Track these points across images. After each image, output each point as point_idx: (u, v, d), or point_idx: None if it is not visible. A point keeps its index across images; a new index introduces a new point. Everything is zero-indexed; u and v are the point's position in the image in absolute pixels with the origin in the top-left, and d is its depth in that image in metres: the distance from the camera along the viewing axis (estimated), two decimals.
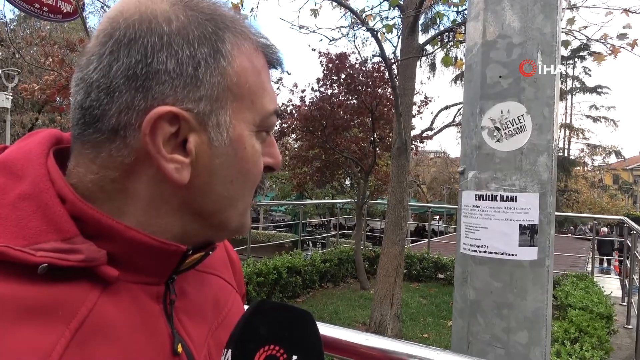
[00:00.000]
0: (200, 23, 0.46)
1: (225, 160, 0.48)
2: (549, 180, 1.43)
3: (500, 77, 1.45)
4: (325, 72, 8.58)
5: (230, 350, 0.50)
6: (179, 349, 0.49)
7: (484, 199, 1.45)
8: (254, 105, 0.49)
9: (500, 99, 1.44)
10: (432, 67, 23.51)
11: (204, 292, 0.58)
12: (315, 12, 5.62)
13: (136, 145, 0.44)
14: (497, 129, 1.44)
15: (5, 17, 16.30)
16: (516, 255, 1.40)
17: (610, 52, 4.53)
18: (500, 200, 1.43)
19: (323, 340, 0.62)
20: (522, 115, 1.42)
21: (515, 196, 1.41)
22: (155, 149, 0.44)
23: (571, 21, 4.60)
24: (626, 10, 4.64)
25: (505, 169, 1.43)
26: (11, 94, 9.22)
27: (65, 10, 4.75)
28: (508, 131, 1.43)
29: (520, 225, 1.41)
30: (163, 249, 0.47)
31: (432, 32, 10.55)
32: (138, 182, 0.46)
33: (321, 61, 8.52)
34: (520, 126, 1.42)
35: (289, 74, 12.23)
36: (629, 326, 5.67)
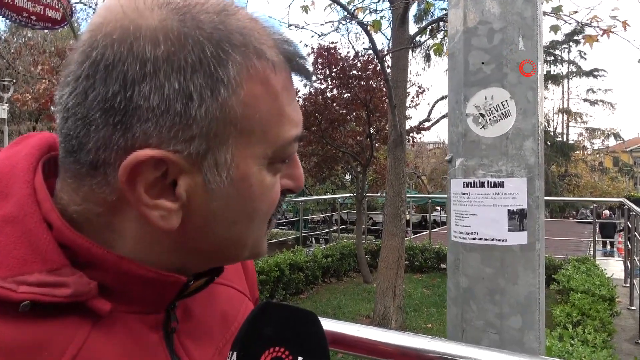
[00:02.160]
0: (197, 43, 0.37)
1: (224, 203, 0.41)
2: (536, 164, 1.43)
3: (482, 63, 1.45)
4: (315, 66, 8.57)
5: (235, 353, 0.49)
6: None
7: (472, 185, 1.45)
8: (267, 136, 0.41)
9: (484, 85, 1.44)
10: (427, 57, 23.46)
11: (211, 308, 0.53)
12: (306, 9, 5.61)
13: (117, 186, 0.38)
14: (482, 115, 1.44)
15: None
16: (506, 240, 1.41)
17: (602, 32, 4.51)
18: (488, 187, 1.43)
19: None
20: (506, 100, 1.42)
21: (503, 182, 1.41)
22: (135, 196, 0.38)
23: (557, 9, 4.58)
24: None
25: (492, 155, 1.43)
26: (7, 105, 9.22)
27: (53, 18, 4.75)
28: (493, 117, 1.43)
29: (508, 210, 1.41)
30: (160, 281, 0.42)
31: (425, 23, 10.52)
32: (125, 221, 0.41)
33: (309, 53, 8.50)
34: (505, 111, 1.42)
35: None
36: (632, 307, 5.68)
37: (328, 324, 1.12)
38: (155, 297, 0.44)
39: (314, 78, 0.47)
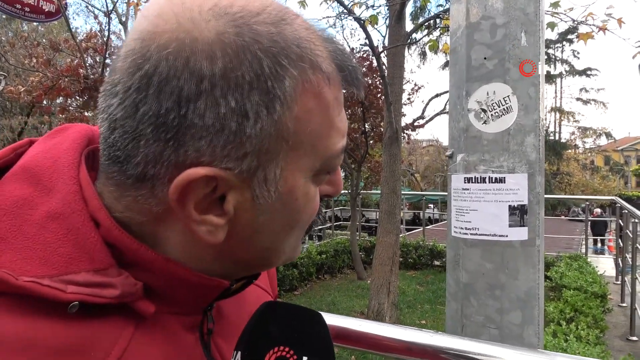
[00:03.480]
0: (255, 58, 0.36)
1: (270, 217, 0.41)
2: (537, 160, 1.43)
3: (485, 58, 1.44)
4: None
5: (239, 352, 0.48)
6: None
7: (473, 181, 1.45)
8: (316, 149, 0.41)
9: (486, 81, 1.44)
10: (423, 55, 23.49)
11: (240, 308, 0.54)
12: (303, 4, 5.58)
13: (165, 199, 0.38)
14: (484, 110, 1.44)
15: None
16: (507, 236, 1.41)
17: (597, 29, 4.54)
18: (489, 182, 1.43)
19: None
20: (508, 96, 1.42)
21: (504, 177, 1.42)
22: (184, 213, 0.38)
23: (555, 5, 4.60)
24: None
25: (493, 150, 1.43)
26: None
27: (47, 10, 4.69)
28: (494, 112, 1.43)
29: (509, 206, 1.41)
30: (204, 285, 0.42)
31: (421, 20, 10.52)
32: (169, 230, 0.40)
33: None
34: (507, 107, 1.42)
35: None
36: (623, 304, 5.75)
37: (329, 319, 1.11)
38: (196, 300, 0.44)
39: (362, 87, 0.44)
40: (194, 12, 0.36)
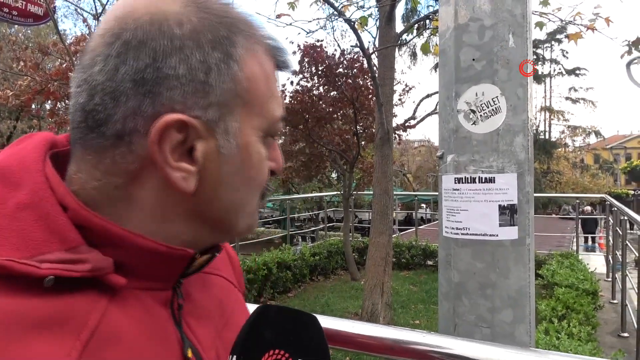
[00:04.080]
0: (213, 26, 0.44)
1: (232, 167, 0.47)
2: (525, 160, 1.45)
3: (473, 60, 1.46)
4: (302, 64, 8.55)
5: (235, 356, 0.49)
6: (189, 354, 0.48)
7: (463, 181, 1.46)
8: (263, 111, 0.48)
9: (475, 82, 1.45)
10: (413, 55, 23.59)
11: (209, 293, 0.57)
12: (292, 5, 5.59)
13: (142, 152, 0.43)
14: (473, 111, 1.45)
15: None
16: (497, 235, 1.42)
17: (586, 29, 4.58)
18: (479, 182, 1.44)
19: None
20: (497, 97, 1.43)
21: (494, 177, 1.43)
22: (162, 157, 0.43)
23: (545, 2, 4.64)
24: None
25: (483, 150, 1.44)
26: None
27: (35, 13, 4.66)
28: (483, 113, 1.44)
29: (499, 205, 1.42)
30: (170, 255, 0.46)
31: (412, 21, 10.57)
32: (143, 190, 0.44)
33: (294, 52, 8.49)
34: (495, 108, 1.43)
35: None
36: (614, 301, 5.80)
37: (322, 321, 1.12)
38: (164, 272, 0.47)
39: (293, 69, 0.55)
40: None
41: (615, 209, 6.21)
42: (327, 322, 1.11)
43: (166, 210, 0.46)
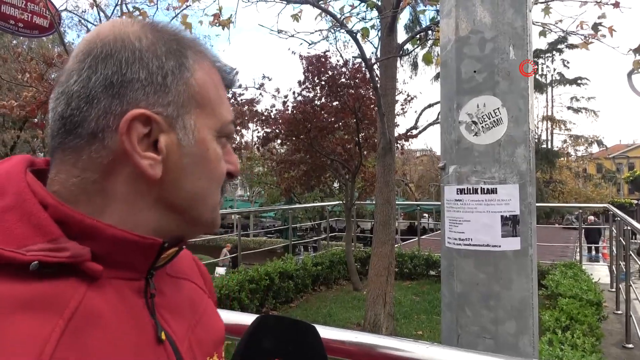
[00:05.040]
0: (166, 41, 0.53)
1: (192, 159, 0.53)
2: (527, 170, 1.46)
3: (474, 71, 1.47)
4: (305, 74, 8.60)
5: None
6: (163, 336, 0.52)
7: (466, 192, 1.47)
8: (215, 113, 0.56)
9: (476, 94, 1.46)
10: (414, 66, 23.71)
11: (181, 293, 0.61)
12: (296, 17, 5.64)
13: (114, 146, 0.49)
14: (474, 122, 1.46)
15: None
16: (499, 246, 1.42)
17: (591, 37, 4.60)
18: (481, 193, 1.45)
19: None
20: (498, 108, 1.44)
21: (496, 188, 1.43)
22: (131, 146, 0.49)
23: (547, 10, 4.67)
24: (599, 3, 4.74)
25: (485, 162, 1.45)
26: None
27: (41, 25, 4.71)
28: (485, 125, 1.45)
29: (501, 216, 1.43)
30: (141, 243, 0.50)
31: (413, 32, 10.63)
32: (116, 181, 0.50)
33: (302, 62, 8.54)
34: (497, 119, 1.44)
35: (270, 79, 12.25)
36: (619, 311, 5.76)
37: (325, 332, 1.12)
38: (136, 261, 0.52)
39: (236, 84, 0.64)
40: (122, 21, 0.55)
41: (619, 218, 6.18)
42: (330, 332, 1.11)
43: (137, 199, 0.51)
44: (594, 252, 13.41)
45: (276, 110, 9.55)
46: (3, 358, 0.38)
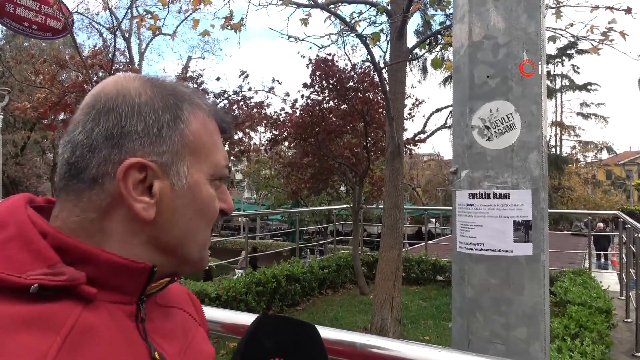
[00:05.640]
0: (164, 96, 0.59)
1: (184, 202, 0.58)
2: (540, 176, 1.45)
3: (487, 77, 1.47)
4: (312, 77, 8.60)
5: None
6: (157, 355, 0.55)
7: (478, 197, 1.47)
8: (208, 159, 0.61)
9: (489, 99, 1.46)
10: (424, 70, 23.67)
11: (172, 321, 0.65)
12: (305, 22, 5.66)
13: (111, 190, 0.54)
14: (487, 127, 1.46)
15: None
16: (512, 251, 1.42)
17: (600, 42, 4.57)
18: (494, 198, 1.44)
19: (324, 344, 0.63)
20: (511, 113, 1.44)
21: (508, 193, 1.43)
22: (127, 191, 0.54)
23: (558, 14, 4.65)
24: (610, 8, 4.71)
25: (497, 167, 1.45)
26: (2, 114, 9.17)
27: (54, 28, 4.76)
28: (498, 130, 1.45)
29: (514, 221, 1.42)
30: (132, 267, 0.54)
31: (423, 37, 10.63)
32: (112, 221, 0.55)
33: (307, 65, 8.55)
34: (510, 124, 1.44)
35: (280, 83, 12.32)
36: (628, 320, 5.70)
37: (337, 334, 1.12)
38: (128, 284, 0.55)
39: (230, 130, 0.68)
40: (125, 77, 0.60)
41: (629, 225, 6.12)
42: (341, 335, 1.11)
43: (130, 237, 0.56)
44: (603, 260, 13.27)
45: (285, 113, 9.57)
46: None
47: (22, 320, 0.45)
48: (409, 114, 10.10)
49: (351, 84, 8.33)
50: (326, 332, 1.09)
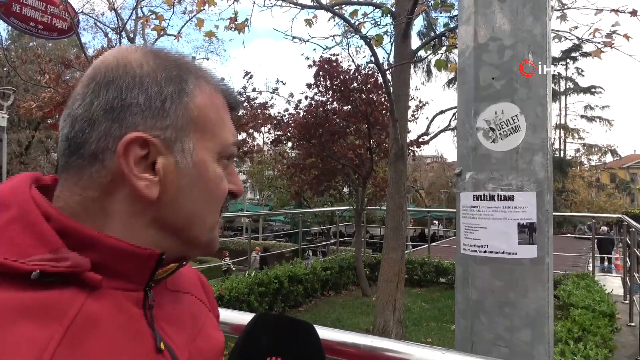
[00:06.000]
0: (167, 67, 0.55)
1: (190, 181, 0.55)
2: (545, 178, 1.45)
3: (493, 78, 1.47)
4: (316, 78, 8.61)
5: None
6: (162, 346, 0.53)
7: (482, 199, 1.47)
8: (215, 136, 0.57)
9: (494, 100, 1.46)
10: (428, 72, 23.64)
11: (181, 306, 0.62)
12: (309, 22, 5.67)
13: (112, 167, 0.51)
14: (492, 129, 1.46)
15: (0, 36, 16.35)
16: (516, 253, 1.42)
17: (604, 45, 4.55)
18: (498, 200, 1.44)
19: (327, 344, 0.64)
20: (516, 115, 1.44)
21: (513, 195, 1.43)
22: (128, 168, 0.51)
23: (563, 17, 4.64)
24: (615, 10, 4.70)
25: (502, 168, 1.45)
26: (7, 113, 9.22)
27: (60, 28, 4.78)
28: (503, 131, 1.45)
29: (518, 224, 1.42)
30: (139, 254, 0.52)
31: (427, 39, 10.61)
32: (115, 200, 0.52)
33: (310, 65, 8.56)
34: (515, 126, 1.44)
35: (284, 84, 12.33)
36: (632, 324, 5.67)
37: (341, 335, 1.12)
38: (135, 271, 0.53)
39: (240, 107, 0.65)
40: (126, 48, 0.57)
41: (633, 229, 6.09)
42: (345, 336, 1.11)
43: (134, 218, 0.53)
44: (606, 263, 13.22)
45: (289, 114, 9.58)
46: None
47: (21, 308, 0.43)
48: (413, 115, 10.09)
49: (355, 85, 8.33)
50: (330, 334, 1.10)
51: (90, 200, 0.52)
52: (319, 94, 8.82)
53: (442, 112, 11.59)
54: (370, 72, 8.33)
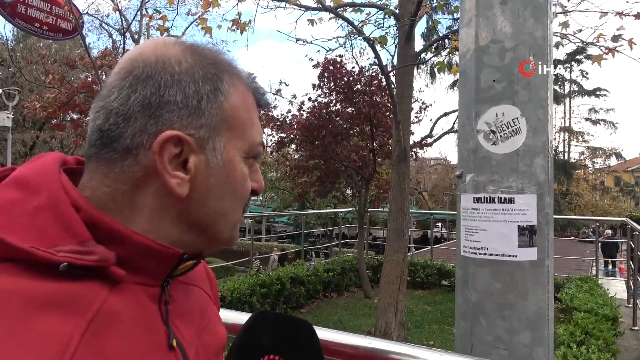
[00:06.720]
0: (204, 65, 0.55)
1: (218, 179, 0.56)
2: (545, 181, 1.45)
3: (494, 81, 1.47)
4: (320, 78, 8.62)
5: None
6: (174, 343, 0.54)
7: (482, 201, 1.47)
8: (244, 136, 0.58)
9: (495, 103, 1.46)
10: (432, 74, 23.62)
11: (191, 300, 0.64)
12: (312, 22, 5.67)
13: (145, 163, 0.52)
14: (493, 132, 1.46)
15: (5, 37, 16.47)
16: (516, 256, 1.42)
17: (607, 51, 4.54)
18: (499, 202, 1.44)
19: (327, 345, 0.64)
20: (517, 117, 1.44)
21: (513, 198, 1.43)
22: (162, 165, 0.51)
23: (565, 24, 4.63)
24: (620, 13, 4.68)
25: (502, 171, 1.45)
26: (12, 113, 9.28)
27: (64, 29, 4.82)
28: (503, 134, 1.45)
29: (518, 226, 1.42)
30: (163, 252, 0.53)
31: (430, 41, 10.61)
32: (144, 195, 0.53)
33: (314, 66, 8.57)
34: (515, 129, 1.44)
35: (287, 85, 12.34)
36: (635, 328, 5.65)
37: (338, 336, 1.12)
38: (156, 268, 0.54)
39: (268, 105, 0.65)
40: (164, 41, 0.57)
41: (637, 233, 6.07)
42: (343, 337, 1.12)
43: (161, 213, 0.54)
44: (610, 267, 13.16)
45: (292, 115, 9.60)
46: (28, 351, 0.40)
47: (48, 299, 0.43)
48: (416, 117, 10.09)
49: (359, 86, 8.34)
50: (330, 335, 1.10)
51: (119, 193, 0.52)
52: (323, 95, 8.83)
53: (445, 114, 11.57)
54: (374, 74, 8.34)
